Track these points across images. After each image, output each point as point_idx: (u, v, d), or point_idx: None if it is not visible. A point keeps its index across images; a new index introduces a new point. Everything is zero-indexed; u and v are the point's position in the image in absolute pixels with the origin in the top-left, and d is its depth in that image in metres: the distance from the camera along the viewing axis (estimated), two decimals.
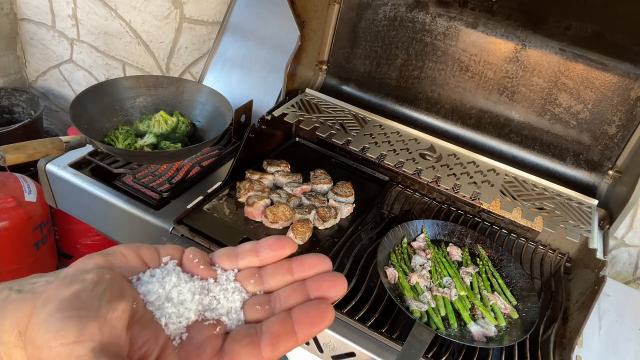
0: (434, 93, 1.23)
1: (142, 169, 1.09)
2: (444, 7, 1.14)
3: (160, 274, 0.37)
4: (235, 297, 0.38)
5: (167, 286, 0.36)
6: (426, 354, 0.77)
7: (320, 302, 0.36)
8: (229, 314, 0.37)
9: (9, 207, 1.58)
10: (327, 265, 0.38)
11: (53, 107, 2.35)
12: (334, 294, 0.36)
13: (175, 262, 0.38)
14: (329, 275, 0.37)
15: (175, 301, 0.36)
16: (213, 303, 0.38)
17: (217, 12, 1.65)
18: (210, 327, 0.36)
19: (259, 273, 0.39)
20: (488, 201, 0.97)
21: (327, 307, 0.35)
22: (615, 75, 1.03)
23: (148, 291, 0.36)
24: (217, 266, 0.40)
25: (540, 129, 1.14)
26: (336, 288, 0.36)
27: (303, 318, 0.34)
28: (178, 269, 0.38)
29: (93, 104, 1.08)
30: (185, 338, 0.35)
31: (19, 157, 0.87)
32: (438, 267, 0.94)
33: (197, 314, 0.37)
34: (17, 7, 2.11)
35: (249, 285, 0.38)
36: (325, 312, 0.35)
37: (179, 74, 1.86)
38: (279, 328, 0.34)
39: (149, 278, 0.37)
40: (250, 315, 0.37)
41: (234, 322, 0.37)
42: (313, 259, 0.38)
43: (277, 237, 0.39)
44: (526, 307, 0.88)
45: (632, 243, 1.27)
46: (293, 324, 0.34)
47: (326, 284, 0.36)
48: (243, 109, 1.18)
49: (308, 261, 0.38)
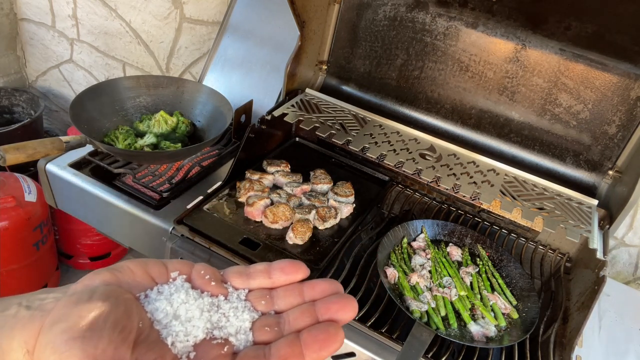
0: (434, 93, 1.23)
1: (142, 169, 1.09)
2: (444, 7, 1.14)
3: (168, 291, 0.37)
4: (245, 317, 0.37)
5: (174, 303, 0.36)
6: (426, 354, 0.77)
7: (329, 324, 0.35)
8: (238, 334, 0.37)
9: (9, 207, 1.58)
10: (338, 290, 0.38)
11: (53, 107, 2.35)
12: (343, 316, 0.36)
13: (183, 278, 0.38)
14: (339, 297, 0.37)
15: (183, 319, 0.36)
16: (222, 321, 0.37)
17: (217, 12, 1.65)
18: (219, 346, 0.36)
19: (270, 294, 0.39)
20: (488, 201, 0.97)
21: (336, 330, 0.35)
22: (615, 75, 1.03)
23: (155, 309, 0.36)
24: (229, 284, 0.39)
25: (540, 129, 1.14)
26: (345, 310, 0.36)
27: (312, 341, 0.34)
28: (187, 285, 0.38)
29: (93, 104, 1.08)
30: (192, 357, 0.35)
31: (19, 157, 0.87)
32: (438, 267, 0.93)
33: (205, 332, 0.36)
34: (17, 7, 2.11)
35: (260, 305, 0.38)
36: (334, 336, 0.34)
37: (179, 74, 1.86)
38: (288, 351, 0.34)
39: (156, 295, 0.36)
40: (259, 337, 0.37)
41: (242, 342, 0.37)
42: (324, 284, 0.38)
43: (291, 262, 0.39)
44: (526, 307, 0.88)
45: (632, 243, 1.27)
46: (301, 346, 0.34)
47: (335, 307, 0.36)
48: (243, 109, 1.18)
49: (319, 286, 0.38)
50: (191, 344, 0.35)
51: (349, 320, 0.36)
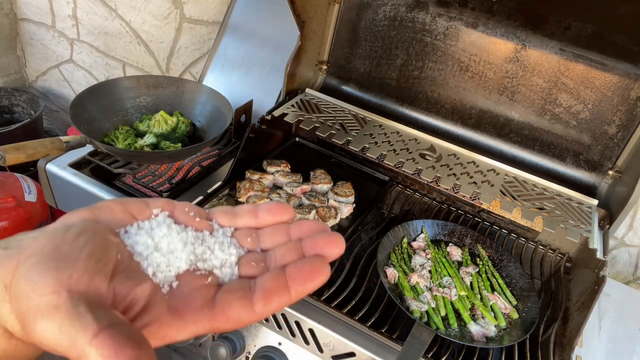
0: (434, 93, 1.23)
1: (142, 169, 1.09)
2: (444, 7, 1.14)
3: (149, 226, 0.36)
4: (231, 251, 0.37)
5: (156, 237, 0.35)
6: (426, 354, 0.77)
7: (315, 258, 0.35)
8: (223, 267, 0.36)
9: (9, 207, 1.58)
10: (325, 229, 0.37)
11: (53, 107, 2.35)
12: (330, 252, 0.35)
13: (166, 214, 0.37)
14: (326, 234, 0.36)
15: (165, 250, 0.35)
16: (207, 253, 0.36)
17: (217, 12, 1.65)
18: (202, 277, 0.35)
19: (256, 233, 0.38)
20: (488, 201, 0.97)
21: (322, 264, 0.34)
22: (615, 75, 1.03)
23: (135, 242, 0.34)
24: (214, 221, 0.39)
25: (540, 129, 1.14)
26: (332, 246, 0.35)
27: (297, 274, 0.33)
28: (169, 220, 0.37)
29: (93, 104, 1.08)
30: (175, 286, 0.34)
31: (19, 157, 0.87)
32: (438, 267, 0.94)
33: (189, 263, 0.35)
34: (17, 7, 2.11)
35: (246, 242, 0.38)
36: (320, 269, 0.34)
37: (179, 74, 1.86)
38: (273, 283, 0.33)
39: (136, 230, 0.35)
40: (244, 271, 0.36)
41: (227, 275, 0.36)
42: (311, 223, 0.38)
43: (277, 203, 0.39)
44: (526, 307, 0.88)
45: (632, 243, 1.27)
46: (287, 279, 0.33)
47: (322, 243, 0.35)
48: (243, 109, 1.18)
49: (306, 225, 0.38)
50: (173, 275, 0.34)
51: (335, 257, 0.35)
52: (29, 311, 0.28)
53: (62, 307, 0.27)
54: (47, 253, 0.30)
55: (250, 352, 0.86)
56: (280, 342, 0.84)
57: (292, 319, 0.82)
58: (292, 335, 0.83)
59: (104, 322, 0.27)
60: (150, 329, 0.31)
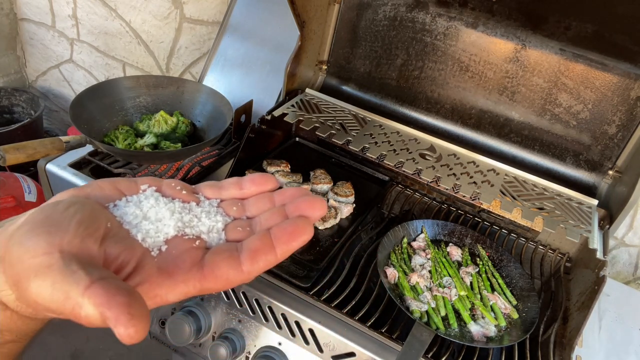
0: (434, 93, 1.23)
1: (142, 169, 1.09)
2: (444, 7, 1.14)
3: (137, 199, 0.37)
4: (218, 219, 0.38)
5: (144, 208, 0.36)
6: (426, 354, 0.77)
7: (298, 218, 0.36)
8: (210, 232, 0.37)
9: (9, 207, 1.58)
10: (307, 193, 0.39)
11: (53, 107, 2.35)
12: (312, 213, 0.37)
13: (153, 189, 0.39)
14: (307, 197, 0.38)
15: (153, 219, 0.36)
16: (194, 221, 0.38)
17: (217, 12, 1.65)
18: (190, 241, 0.37)
19: (241, 202, 0.40)
20: (488, 201, 0.97)
21: (305, 223, 0.36)
22: (615, 75, 1.03)
23: (124, 213, 0.36)
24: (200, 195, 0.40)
25: (540, 129, 1.14)
26: (314, 208, 0.37)
27: (281, 234, 0.35)
28: (157, 194, 0.38)
29: (93, 104, 1.08)
30: (164, 250, 0.35)
31: (19, 157, 0.87)
32: (438, 267, 0.94)
33: (177, 229, 0.37)
34: (17, 7, 2.11)
35: (232, 211, 0.40)
36: (303, 227, 0.35)
37: (179, 74, 1.86)
38: (259, 243, 0.35)
39: (125, 203, 0.37)
40: (231, 236, 0.38)
41: (215, 240, 0.37)
42: (293, 190, 0.40)
43: (260, 174, 0.41)
44: (526, 307, 0.88)
45: (632, 243, 1.27)
46: (272, 239, 0.35)
47: (304, 205, 0.37)
48: (243, 109, 1.18)
49: (289, 192, 0.39)
50: (162, 239, 0.36)
51: (317, 218, 0.37)
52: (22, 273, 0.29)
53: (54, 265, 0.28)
54: (39, 221, 0.31)
55: (250, 352, 0.86)
56: (280, 342, 0.84)
57: (292, 319, 0.82)
58: (292, 335, 0.83)
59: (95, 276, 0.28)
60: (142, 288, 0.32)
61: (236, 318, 0.87)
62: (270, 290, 0.84)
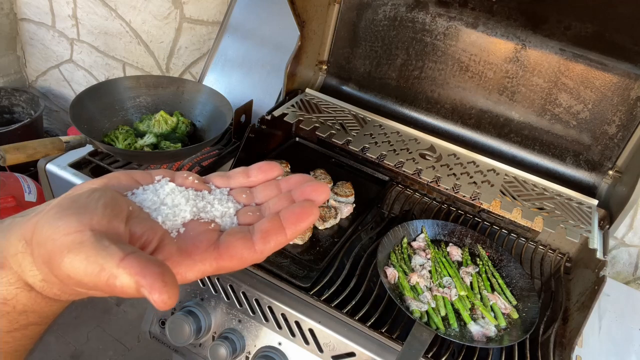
0: (434, 93, 1.23)
1: (142, 169, 1.09)
2: (444, 7, 1.14)
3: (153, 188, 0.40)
4: (229, 205, 0.41)
5: (161, 195, 0.39)
6: (426, 354, 0.77)
7: (304, 201, 0.39)
8: (223, 217, 0.40)
9: (9, 207, 1.58)
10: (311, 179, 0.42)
11: (53, 107, 2.35)
12: (317, 197, 0.40)
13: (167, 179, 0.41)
14: (312, 182, 0.41)
15: (170, 205, 0.39)
16: (207, 207, 0.41)
17: (217, 12, 1.65)
18: (206, 223, 0.39)
19: (249, 190, 0.43)
20: (488, 201, 0.97)
21: (311, 205, 0.39)
22: (615, 75, 1.03)
23: (143, 199, 0.38)
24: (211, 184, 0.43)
25: (540, 129, 1.14)
26: (318, 192, 0.40)
27: (290, 216, 0.38)
28: (172, 184, 0.41)
29: (93, 104, 1.08)
30: (182, 232, 0.38)
31: (19, 157, 0.87)
32: (438, 267, 0.94)
33: (193, 214, 0.39)
34: (17, 7, 2.11)
35: (241, 199, 0.43)
36: (310, 209, 0.38)
37: (179, 74, 1.86)
38: (269, 225, 0.38)
39: (142, 191, 0.39)
40: (242, 220, 0.41)
41: (228, 224, 0.40)
42: (298, 177, 0.43)
43: (266, 162, 0.44)
44: (526, 307, 0.88)
45: (632, 243, 1.27)
46: (281, 221, 0.38)
47: (309, 189, 0.40)
48: (243, 109, 1.18)
49: (294, 179, 0.42)
50: (180, 222, 0.38)
51: (322, 202, 0.40)
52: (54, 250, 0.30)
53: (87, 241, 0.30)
54: (66, 204, 0.33)
55: (250, 352, 0.86)
56: (280, 342, 0.84)
57: (292, 319, 0.82)
58: (292, 335, 0.83)
59: (128, 250, 0.30)
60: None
61: (236, 318, 0.87)
62: (270, 290, 0.84)
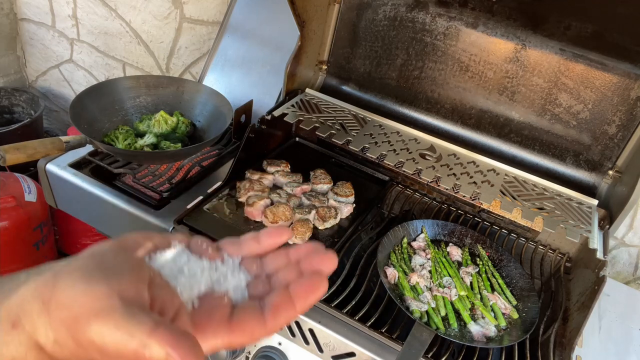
0: (434, 93, 1.23)
1: (142, 169, 1.09)
2: (444, 7, 1.14)
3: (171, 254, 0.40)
4: (241, 277, 0.42)
5: (178, 263, 0.40)
6: (426, 354, 0.77)
7: (313, 275, 0.40)
8: (235, 290, 0.41)
9: (9, 207, 1.58)
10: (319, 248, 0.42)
11: (53, 107, 2.35)
12: (325, 268, 0.40)
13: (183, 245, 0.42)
14: (319, 252, 0.41)
15: (187, 274, 0.39)
16: (221, 279, 0.41)
17: (217, 12, 1.65)
18: (219, 298, 0.40)
19: (260, 260, 0.44)
20: (488, 201, 0.97)
21: (320, 279, 0.39)
22: (615, 75, 1.03)
23: (162, 266, 0.39)
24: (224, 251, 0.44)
25: (540, 129, 1.14)
26: (326, 263, 0.40)
27: (299, 290, 0.39)
28: (187, 251, 0.42)
29: (93, 104, 1.08)
30: (197, 305, 0.38)
31: (19, 157, 0.87)
32: (438, 267, 0.94)
33: (207, 286, 0.40)
34: (17, 7, 2.11)
35: (252, 269, 0.43)
36: (319, 283, 0.39)
37: (179, 74, 1.86)
38: (279, 300, 0.38)
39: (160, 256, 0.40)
40: (253, 292, 0.41)
41: (239, 296, 0.41)
42: (306, 246, 0.43)
43: (275, 227, 0.45)
44: (526, 307, 0.88)
45: (632, 243, 1.27)
46: (291, 296, 0.38)
47: (317, 260, 0.41)
48: (243, 109, 1.18)
49: (302, 248, 0.43)
50: (195, 295, 0.39)
51: (330, 272, 0.41)
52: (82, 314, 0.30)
53: (116, 308, 0.30)
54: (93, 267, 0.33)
55: (250, 352, 0.86)
56: (280, 342, 0.84)
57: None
58: (292, 335, 0.83)
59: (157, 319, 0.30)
60: None
61: None
62: None
